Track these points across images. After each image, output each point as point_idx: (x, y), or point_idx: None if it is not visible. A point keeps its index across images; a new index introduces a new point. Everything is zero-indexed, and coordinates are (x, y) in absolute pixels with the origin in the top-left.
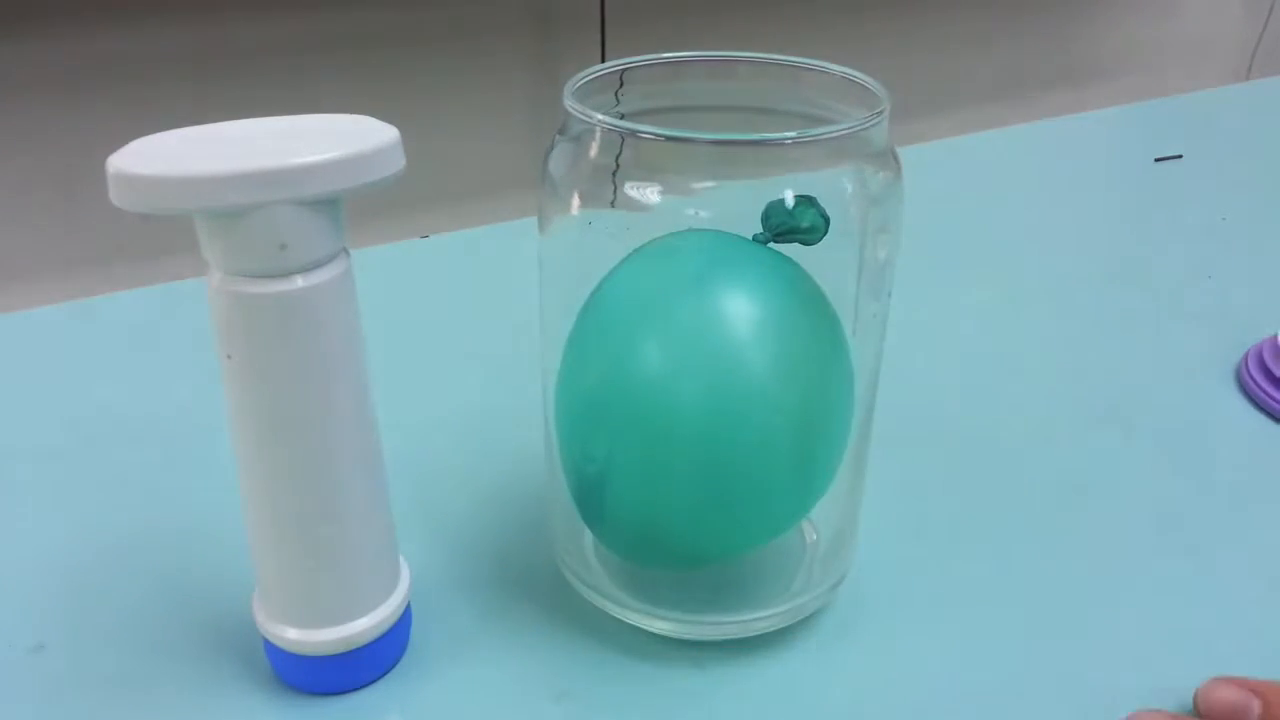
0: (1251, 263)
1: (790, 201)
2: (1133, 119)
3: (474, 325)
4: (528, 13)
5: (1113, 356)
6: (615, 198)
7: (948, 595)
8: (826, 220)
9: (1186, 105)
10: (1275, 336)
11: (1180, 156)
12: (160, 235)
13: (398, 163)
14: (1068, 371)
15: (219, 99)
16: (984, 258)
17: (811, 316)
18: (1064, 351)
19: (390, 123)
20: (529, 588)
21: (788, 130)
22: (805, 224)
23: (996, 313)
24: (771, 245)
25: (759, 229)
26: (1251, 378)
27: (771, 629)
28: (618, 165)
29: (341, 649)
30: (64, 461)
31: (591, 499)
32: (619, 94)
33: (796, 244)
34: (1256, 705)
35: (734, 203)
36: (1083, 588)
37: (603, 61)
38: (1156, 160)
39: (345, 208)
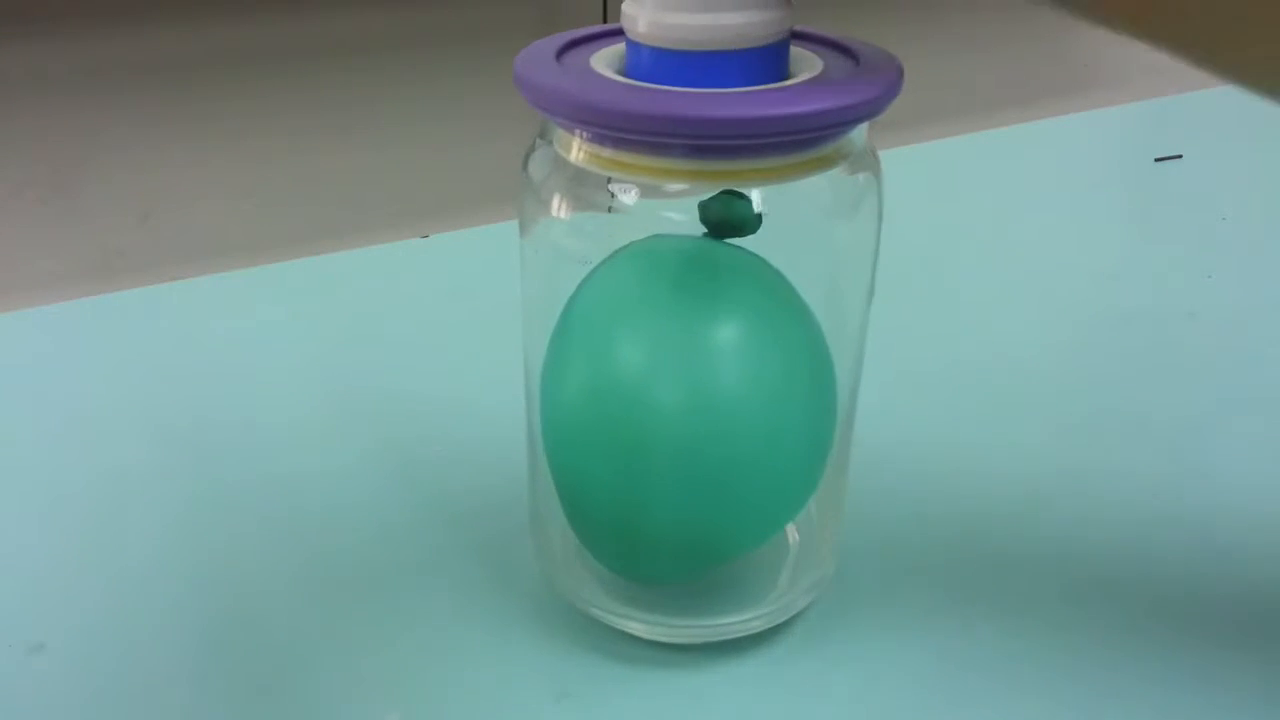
0: (1251, 263)
1: (722, 197)
2: (1133, 119)
3: (475, 325)
4: (530, 11)
5: (1111, 357)
6: (612, 203)
7: (930, 588)
8: (757, 215)
9: (1186, 105)
10: None
11: (1180, 156)
12: (160, 238)
13: None
14: (1064, 372)
15: (218, 100)
16: (980, 257)
17: (792, 321)
18: (1060, 352)
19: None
20: (526, 588)
21: None
22: (735, 218)
23: (992, 312)
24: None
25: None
26: None
27: (762, 628)
28: None
29: None
30: (64, 461)
31: (578, 512)
32: None
33: (767, 246)
34: None
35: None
36: (1069, 581)
37: None
38: (1156, 160)
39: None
